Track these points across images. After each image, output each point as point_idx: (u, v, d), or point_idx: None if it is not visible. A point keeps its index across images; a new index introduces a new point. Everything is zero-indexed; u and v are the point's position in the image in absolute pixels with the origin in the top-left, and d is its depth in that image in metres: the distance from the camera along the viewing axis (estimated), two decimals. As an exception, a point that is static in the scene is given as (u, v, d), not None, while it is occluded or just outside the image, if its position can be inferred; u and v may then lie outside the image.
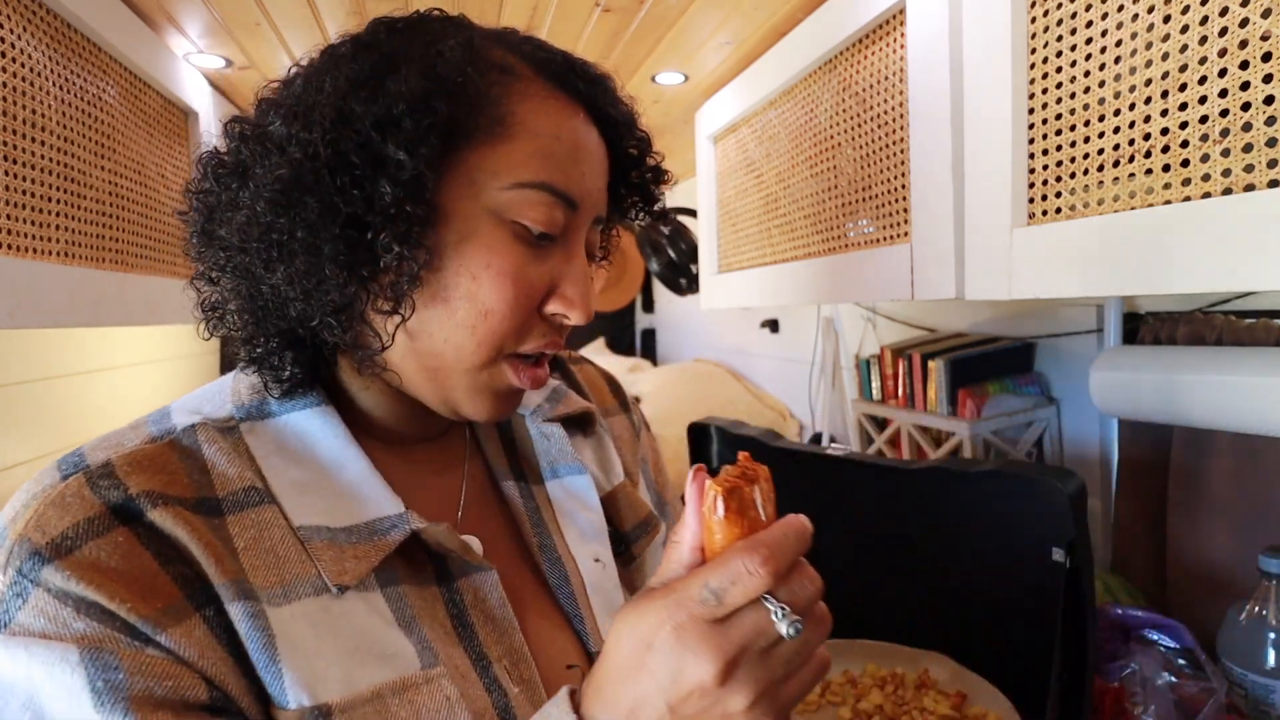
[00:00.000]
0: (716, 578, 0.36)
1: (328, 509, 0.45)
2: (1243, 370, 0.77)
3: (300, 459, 0.46)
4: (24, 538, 0.38)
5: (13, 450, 1.42)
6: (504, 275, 0.45)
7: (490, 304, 0.45)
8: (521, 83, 0.47)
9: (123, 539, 0.39)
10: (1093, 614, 0.71)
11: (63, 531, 0.39)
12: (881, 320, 1.56)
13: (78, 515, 0.39)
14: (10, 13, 0.75)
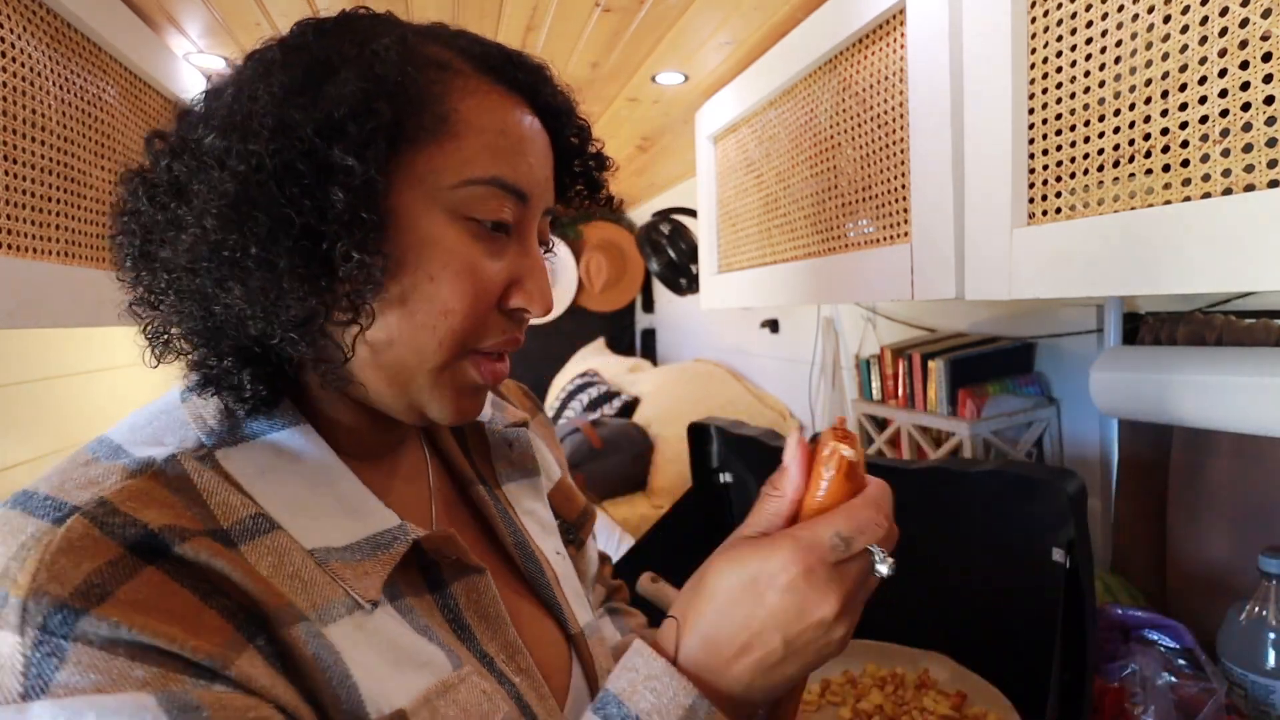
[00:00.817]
0: (846, 527, 0.42)
1: (326, 529, 0.45)
2: (1243, 370, 0.77)
3: (284, 481, 0.45)
4: (39, 592, 0.34)
5: (13, 450, 1.42)
6: (461, 274, 0.45)
7: (449, 303, 0.45)
8: (461, 78, 0.47)
9: (155, 578, 0.37)
10: (1093, 614, 0.71)
11: (86, 578, 0.35)
12: (881, 320, 1.56)
13: (97, 559, 0.35)
14: (10, 13, 0.75)
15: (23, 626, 0.34)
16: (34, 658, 0.33)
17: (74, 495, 0.38)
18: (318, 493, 0.45)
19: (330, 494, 0.46)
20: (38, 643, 0.33)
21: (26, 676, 0.33)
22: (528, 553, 0.57)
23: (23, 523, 0.37)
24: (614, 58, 1.26)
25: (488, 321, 0.47)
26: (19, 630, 0.33)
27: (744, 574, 0.42)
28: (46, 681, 0.33)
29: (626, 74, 1.34)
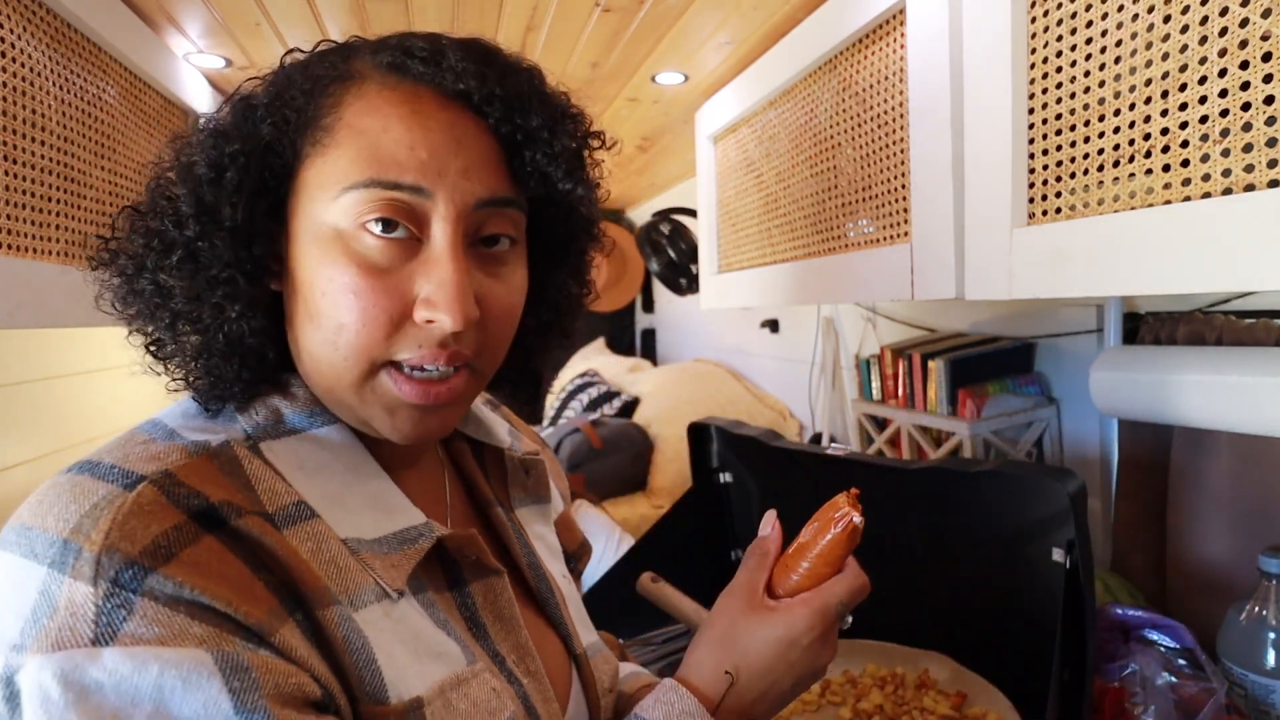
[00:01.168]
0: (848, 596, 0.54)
1: (358, 521, 0.47)
2: (1243, 370, 0.77)
3: (322, 474, 0.47)
4: (112, 548, 0.37)
5: (13, 450, 1.42)
6: (346, 287, 0.44)
7: (340, 317, 0.45)
8: (357, 84, 0.47)
9: (214, 546, 0.39)
10: (1093, 614, 0.71)
11: (154, 539, 0.38)
12: (881, 320, 1.56)
13: (164, 523, 0.38)
14: (10, 13, 0.75)
15: (95, 578, 0.36)
16: (105, 608, 0.36)
17: (140, 466, 0.41)
18: (351, 487, 0.48)
19: (363, 489, 0.48)
20: (109, 594, 0.36)
21: (97, 624, 0.36)
22: (539, 573, 0.59)
23: (94, 486, 0.40)
24: (614, 58, 1.26)
25: (384, 333, 0.45)
26: (92, 581, 0.36)
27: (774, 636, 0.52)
28: (115, 630, 0.36)
29: (626, 74, 1.34)
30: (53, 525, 0.38)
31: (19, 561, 0.38)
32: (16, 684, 0.35)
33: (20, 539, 0.38)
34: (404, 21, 1.10)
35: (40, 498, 0.40)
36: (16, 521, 0.40)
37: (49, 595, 0.36)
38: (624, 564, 1.10)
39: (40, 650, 0.35)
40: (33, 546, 0.38)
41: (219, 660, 0.36)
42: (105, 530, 0.37)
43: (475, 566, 0.52)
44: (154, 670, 0.35)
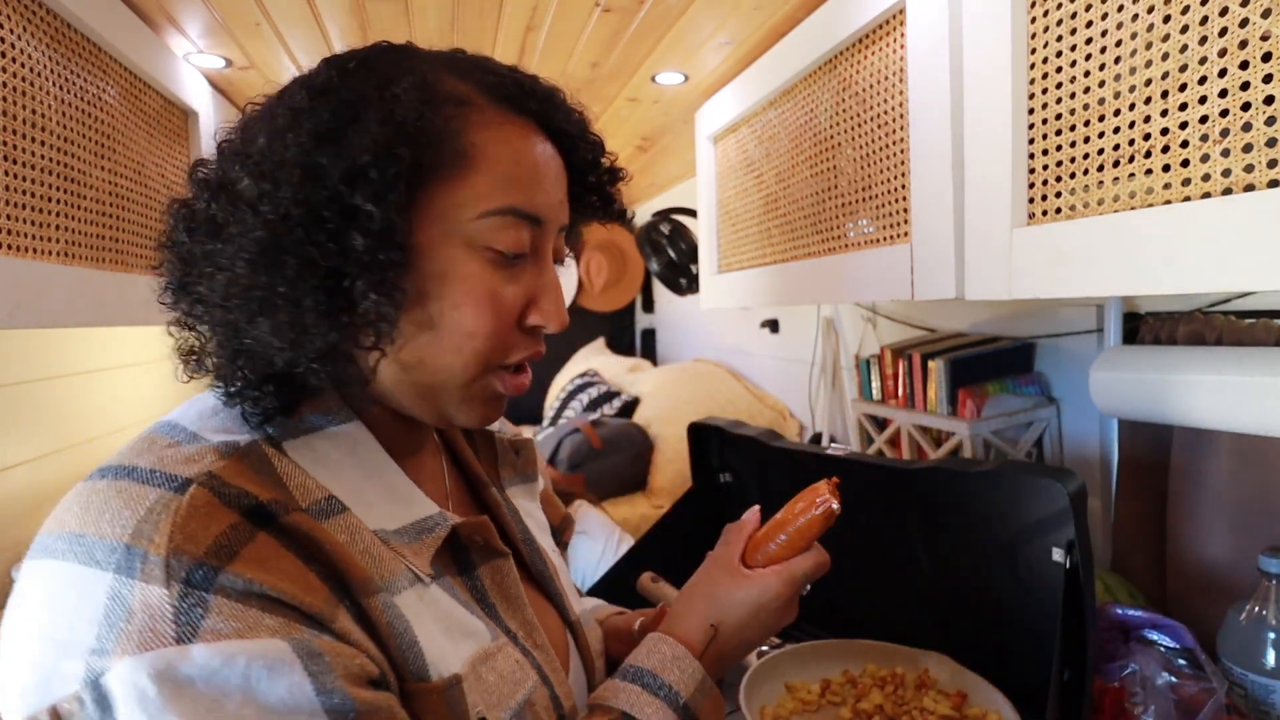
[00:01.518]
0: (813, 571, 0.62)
1: (380, 514, 0.49)
2: (1243, 370, 0.77)
3: (343, 469, 0.49)
4: (178, 551, 0.38)
5: (13, 450, 1.42)
6: (482, 301, 0.49)
7: (472, 328, 0.49)
8: (476, 111, 0.49)
9: (269, 542, 0.41)
10: (1093, 614, 0.71)
11: (215, 540, 0.39)
12: (881, 320, 1.56)
13: (221, 524, 0.40)
14: (10, 13, 0.75)
15: (168, 580, 0.38)
16: (182, 607, 0.37)
17: (180, 468, 0.42)
18: (368, 481, 0.50)
19: (380, 482, 0.51)
20: (183, 595, 0.38)
21: (178, 624, 0.37)
22: (534, 548, 0.63)
23: (141, 491, 0.40)
24: (614, 58, 1.26)
25: (509, 340, 0.51)
26: (165, 584, 0.37)
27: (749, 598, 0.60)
28: (195, 628, 0.37)
29: (626, 74, 1.34)
30: (109, 531, 0.39)
31: (78, 569, 0.38)
32: (104, 686, 0.36)
33: (73, 547, 0.39)
34: (404, 21, 1.10)
35: (83, 505, 0.41)
36: (60, 529, 0.40)
37: (121, 600, 0.37)
38: (624, 564, 1.10)
39: (127, 652, 0.36)
40: (92, 554, 0.38)
41: (295, 648, 0.39)
42: (168, 534, 0.38)
43: (484, 550, 0.55)
44: (241, 662, 0.37)
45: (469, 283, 0.49)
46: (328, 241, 0.45)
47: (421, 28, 1.13)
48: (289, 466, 0.46)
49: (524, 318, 0.52)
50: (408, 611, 0.46)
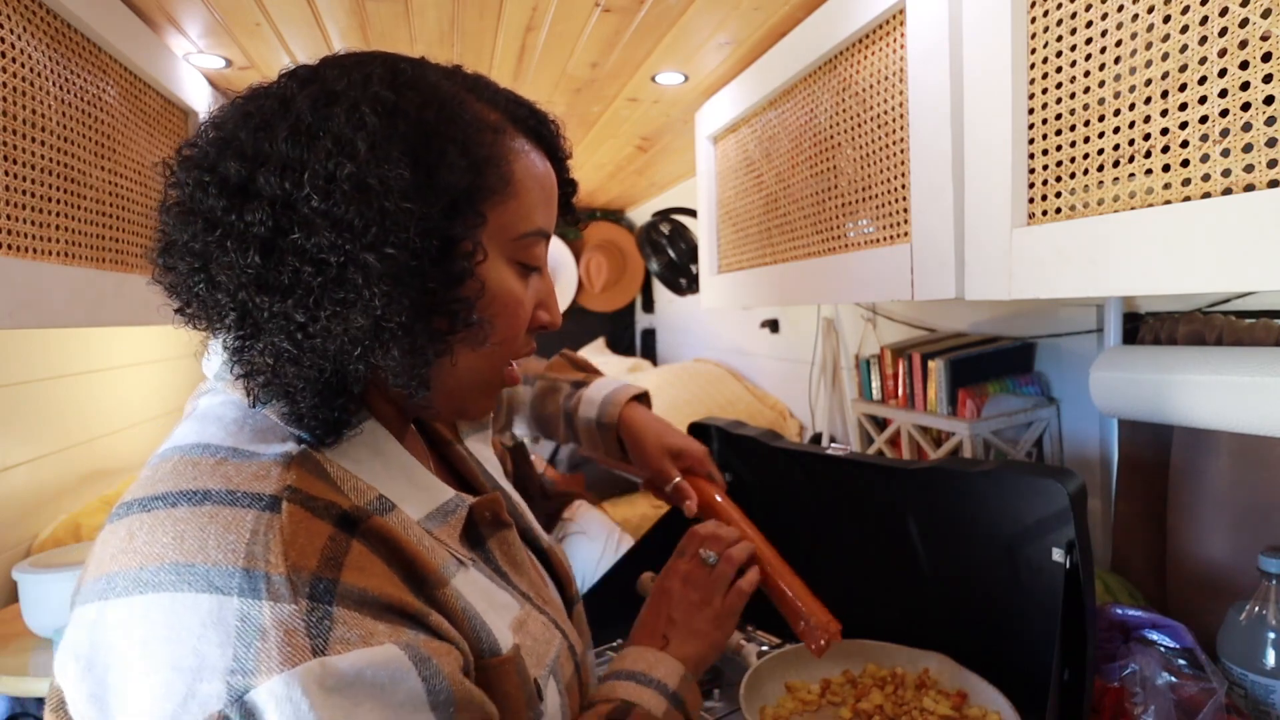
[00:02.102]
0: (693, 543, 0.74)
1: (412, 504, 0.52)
2: (1243, 370, 0.77)
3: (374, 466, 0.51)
4: (296, 568, 0.40)
5: (13, 450, 1.42)
6: (516, 309, 0.54)
7: (504, 335, 0.54)
8: (511, 139, 0.54)
9: (361, 549, 0.44)
10: (1092, 614, 0.70)
11: (322, 554, 0.41)
12: (881, 320, 1.56)
13: (322, 536, 0.42)
14: (10, 13, 0.75)
15: (295, 597, 0.39)
16: (311, 621, 0.39)
17: (257, 486, 0.43)
18: (395, 475, 0.52)
19: (403, 475, 0.53)
20: (310, 610, 0.40)
21: (311, 638, 0.39)
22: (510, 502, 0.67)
23: (233, 514, 0.42)
24: (614, 58, 1.26)
25: (521, 342, 0.57)
26: (292, 600, 0.39)
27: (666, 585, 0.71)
28: (326, 640, 0.39)
29: (626, 74, 1.34)
30: (220, 558, 0.40)
31: (194, 598, 0.39)
32: (250, 703, 0.38)
33: (183, 577, 0.40)
34: (404, 22, 1.10)
35: (174, 536, 0.41)
36: (157, 562, 0.40)
37: (251, 620, 0.39)
38: (624, 564, 1.10)
39: (272, 671, 0.38)
40: (208, 580, 0.39)
41: (408, 653, 0.42)
42: (282, 552, 0.40)
43: (491, 524, 0.58)
44: (369, 671, 0.40)
45: (505, 295, 0.53)
46: (437, 271, 0.47)
47: (421, 28, 1.13)
48: (338, 470, 0.48)
49: (533, 320, 0.57)
50: (466, 594, 0.50)
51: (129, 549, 0.41)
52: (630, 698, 0.60)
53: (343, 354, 0.46)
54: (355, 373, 0.47)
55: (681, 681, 0.63)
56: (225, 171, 0.45)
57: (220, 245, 0.45)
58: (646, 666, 0.63)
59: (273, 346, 0.46)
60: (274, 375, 0.46)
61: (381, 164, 0.45)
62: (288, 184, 0.44)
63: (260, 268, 0.45)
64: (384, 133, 0.46)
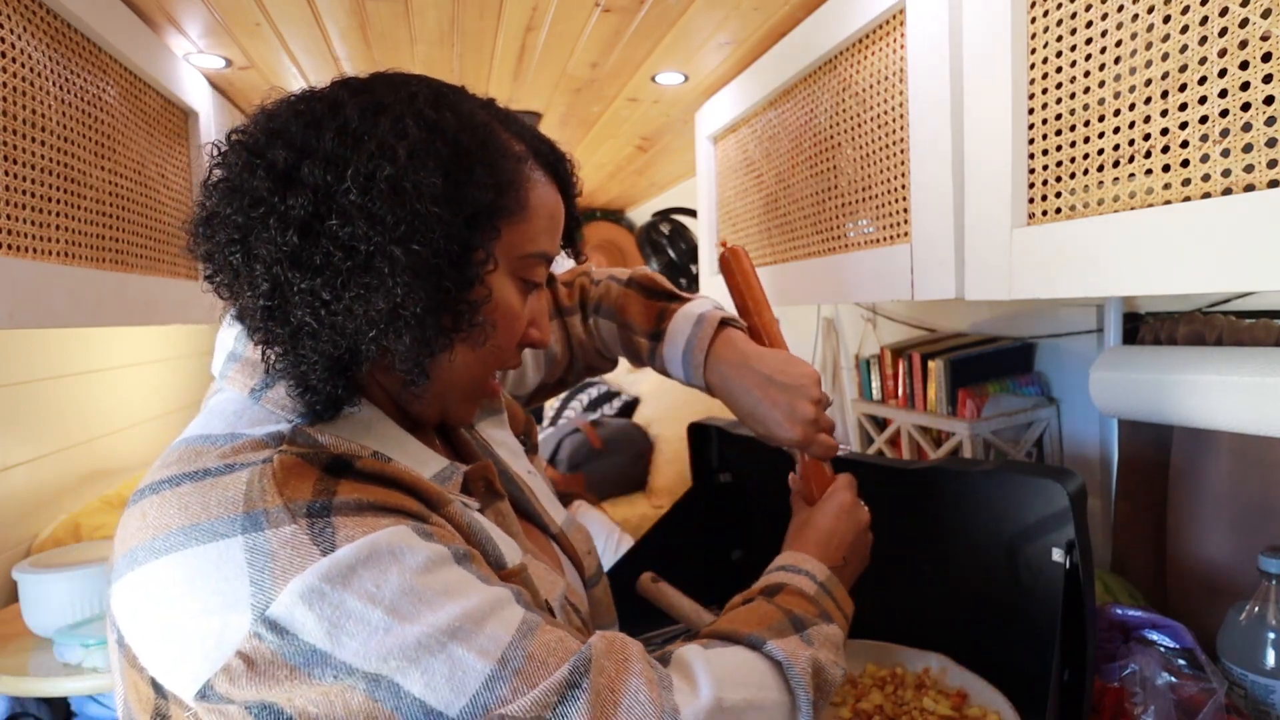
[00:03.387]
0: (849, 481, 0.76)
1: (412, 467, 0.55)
2: (1243, 370, 0.77)
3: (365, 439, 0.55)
4: (291, 498, 0.44)
5: (13, 450, 1.42)
6: (514, 320, 0.59)
7: (500, 342, 0.58)
8: (528, 168, 0.59)
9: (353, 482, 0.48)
10: (1093, 614, 0.70)
11: (314, 486, 0.46)
12: (881, 320, 1.56)
13: (313, 475, 0.46)
14: (10, 13, 0.75)
15: (294, 519, 0.44)
16: (314, 532, 0.44)
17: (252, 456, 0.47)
18: (390, 448, 0.56)
19: (399, 447, 0.57)
20: (310, 524, 0.44)
21: (318, 544, 0.43)
22: (508, 477, 0.70)
23: (231, 478, 0.46)
24: (614, 58, 1.26)
25: (512, 354, 0.61)
26: (291, 522, 0.44)
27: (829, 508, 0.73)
28: (333, 541, 0.44)
29: (626, 74, 1.34)
30: (220, 510, 0.44)
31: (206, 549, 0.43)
32: (273, 616, 0.42)
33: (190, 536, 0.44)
34: (404, 22, 1.10)
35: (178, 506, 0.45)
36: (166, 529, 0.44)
37: (259, 549, 0.43)
38: (624, 564, 1.10)
39: (286, 579, 0.42)
40: (214, 531, 0.43)
41: (414, 528, 0.47)
42: (276, 490, 0.45)
43: (486, 494, 0.62)
44: (383, 545, 0.44)
45: (505, 306, 0.58)
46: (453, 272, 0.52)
47: (421, 28, 1.13)
48: (331, 438, 0.52)
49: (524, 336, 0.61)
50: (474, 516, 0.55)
51: (143, 526, 0.46)
52: (781, 580, 0.65)
53: (359, 334, 0.50)
54: (366, 353, 0.51)
55: (828, 579, 0.66)
56: (274, 157, 0.50)
57: (263, 222, 0.49)
58: (795, 561, 0.67)
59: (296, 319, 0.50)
60: (291, 346, 0.50)
61: (418, 171, 0.50)
62: (330, 176, 0.49)
63: (297, 247, 0.49)
64: (423, 145, 0.51)
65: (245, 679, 0.42)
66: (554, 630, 0.48)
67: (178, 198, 1.17)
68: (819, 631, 0.59)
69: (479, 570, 0.49)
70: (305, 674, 0.42)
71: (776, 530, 0.86)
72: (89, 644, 1.08)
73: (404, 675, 0.42)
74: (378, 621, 0.43)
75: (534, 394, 0.90)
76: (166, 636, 0.43)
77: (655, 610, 0.95)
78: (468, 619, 0.45)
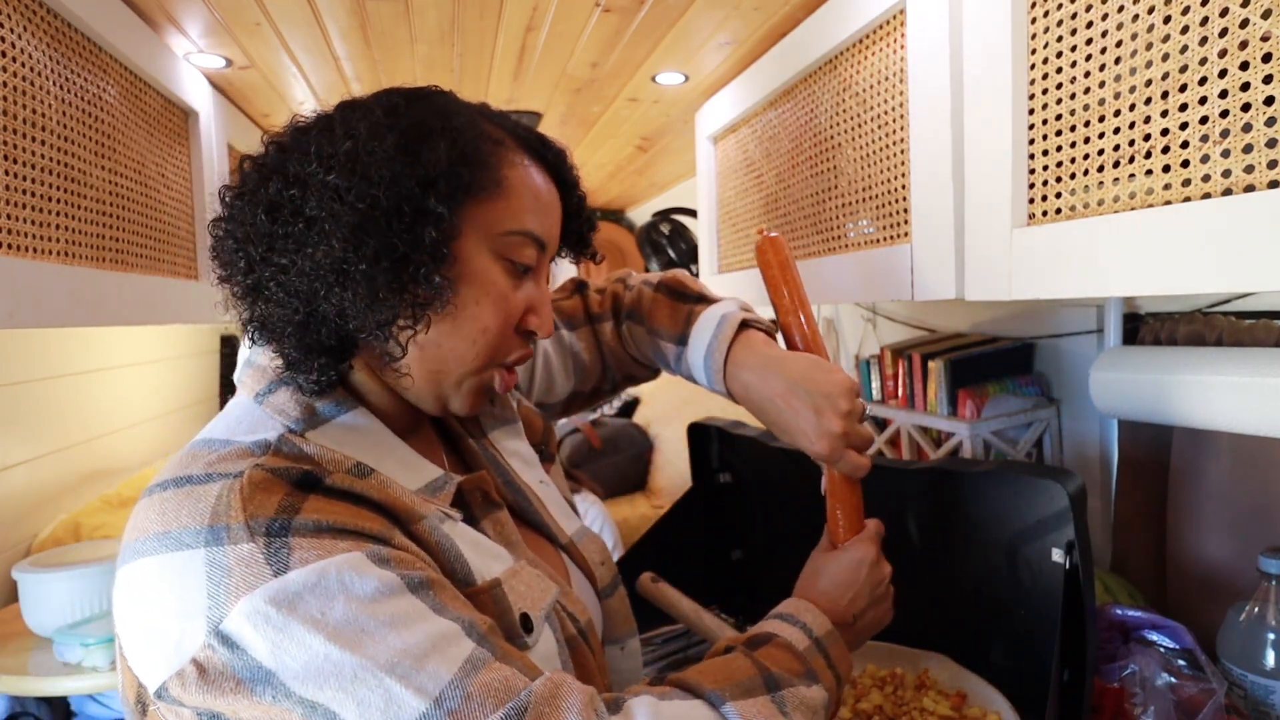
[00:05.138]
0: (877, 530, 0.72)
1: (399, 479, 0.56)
2: (1243, 370, 0.77)
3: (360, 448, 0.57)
4: (253, 515, 0.46)
5: (13, 450, 1.42)
6: (499, 300, 0.58)
7: (486, 322, 0.58)
8: (509, 152, 0.60)
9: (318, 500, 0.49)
10: (1093, 614, 0.70)
11: (279, 503, 0.47)
12: (881, 320, 1.56)
13: (280, 493, 0.47)
14: (10, 13, 0.75)
15: (252, 537, 0.45)
16: (269, 553, 0.45)
17: (230, 466, 0.49)
18: (383, 456, 0.57)
19: (391, 456, 0.58)
20: (268, 544, 0.45)
21: (271, 565, 0.45)
22: (515, 488, 0.69)
23: (204, 488, 0.48)
24: (614, 58, 1.26)
25: (509, 340, 0.60)
26: (250, 539, 0.45)
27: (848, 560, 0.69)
28: (286, 562, 0.45)
29: (626, 74, 1.34)
30: (189, 521, 0.46)
31: (173, 556, 0.45)
32: (225, 630, 0.43)
33: (161, 543, 0.46)
34: (404, 22, 1.10)
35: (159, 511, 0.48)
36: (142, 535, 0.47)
37: (218, 564, 0.44)
38: (624, 564, 1.10)
39: (238, 597, 0.44)
40: (181, 540, 0.46)
41: (370, 555, 0.47)
42: (241, 506, 0.46)
43: (483, 504, 0.62)
44: (332, 572, 0.45)
45: (489, 284, 0.58)
46: (404, 232, 0.52)
47: (421, 27, 1.13)
48: (316, 448, 0.54)
49: (522, 322, 0.61)
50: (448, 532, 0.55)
51: (134, 526, 0.49)
52: (774, 630, 0.61)
53: (312, 293, 0.52)
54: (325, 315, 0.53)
55: (828, 634, 0.62)
56: (265, 160, 0.55)
57: (245, 210, 0.54)
58: (795, 611, 0.64)
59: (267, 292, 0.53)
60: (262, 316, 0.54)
61: (372, 141, 0.53)
62: (304, 162, 0.53)
63: (265, 224, 0.53)
64: (386, 123, 0.54)
65: (195, 686, 0.44)
66: (499, 669, 0.47)
67: (178, 198, 1.17)
68: (795, 694, 0.55)
69: (435, 599, 0.48)
70: (249, 689, 0.43)
71: (776, 530, 0.86)
72: (89, 644, 1.08)
73: (340, 704, 0.43)
74: (319, 648, 0.43)
75: (568, 403, 0.88)
76: (139, 633, 0.46)
77: (655, 610, 0.95)
78: (408, 654, 0.45)
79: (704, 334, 0.72)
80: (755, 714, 0.52)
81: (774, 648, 0.58)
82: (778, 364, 0.68)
